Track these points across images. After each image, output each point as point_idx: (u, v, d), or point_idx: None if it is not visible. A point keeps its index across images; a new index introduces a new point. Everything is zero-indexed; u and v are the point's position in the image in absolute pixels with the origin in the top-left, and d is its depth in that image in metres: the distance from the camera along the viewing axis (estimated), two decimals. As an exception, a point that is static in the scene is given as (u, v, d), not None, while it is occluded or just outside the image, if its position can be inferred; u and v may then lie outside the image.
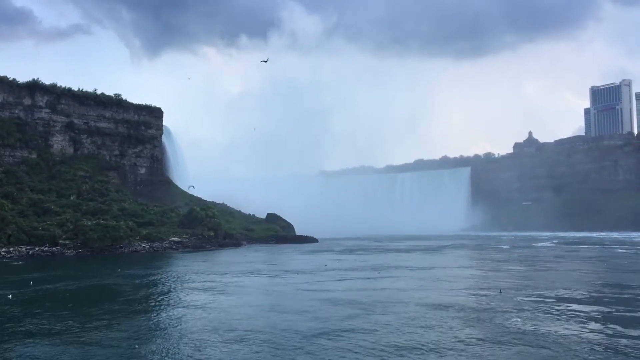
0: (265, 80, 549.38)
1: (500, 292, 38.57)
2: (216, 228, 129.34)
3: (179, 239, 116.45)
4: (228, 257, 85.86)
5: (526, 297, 34.86)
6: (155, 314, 30.94)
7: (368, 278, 47.02)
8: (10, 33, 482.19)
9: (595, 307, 31.86)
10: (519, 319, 27.87)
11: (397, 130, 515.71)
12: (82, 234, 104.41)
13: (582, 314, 29.41)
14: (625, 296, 36.52)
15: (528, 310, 29.77)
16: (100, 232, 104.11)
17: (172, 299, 35.97)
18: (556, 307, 31.33)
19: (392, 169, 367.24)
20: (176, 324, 28.01)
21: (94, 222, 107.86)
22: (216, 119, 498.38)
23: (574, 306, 32.08)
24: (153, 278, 50.02)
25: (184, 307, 32.77)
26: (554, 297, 35.34)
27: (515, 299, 34.76)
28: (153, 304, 34.28)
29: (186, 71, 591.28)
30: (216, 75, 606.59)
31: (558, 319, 27.86)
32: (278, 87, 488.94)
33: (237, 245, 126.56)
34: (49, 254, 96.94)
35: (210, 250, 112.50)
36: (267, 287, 41.08)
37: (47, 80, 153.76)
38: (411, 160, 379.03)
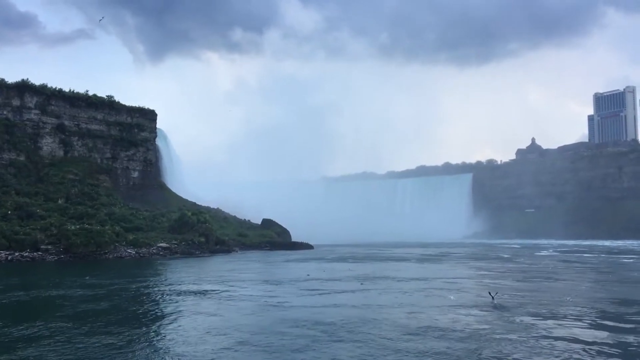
0: (267, 86, 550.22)
1: (493, 298, 36.25)
2: (207, 234, 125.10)
3: (167, 245, 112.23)
4: (211, 265, 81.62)
5: (524, 317, 30.37)
6: (72, 340, 25.97)
7: (348, 291, 42.57)
8: (15, 38, 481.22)
9: (602, 332, 27.46)
10: (512, 347, 23.56)
11: (399, 136, 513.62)
12: (65, 238, 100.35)
13: (587, 342, 25.05)
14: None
15: (524, 337, 25.20)
16: (84, 237, 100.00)
17: (102, 319, 30.94)
18: (556, 332, 26.94)
19: (393, 175, 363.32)
20: (90, 351, 23.38)
21: (78, 226, 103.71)
22: (217, 125, 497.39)
23: (577, 330, 27.74)
24: (114, 288, 45.79)
25: (112, 332, 27.89)
26: (555, 317, 30.91)
27: (510, 318, 30.32)
28: (83, 324, 29.45)
29: (189, 76, 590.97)
30: (217, 80, 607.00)
31: (557, 350, 23.48)
32: (280, 92, 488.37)
33: (228, 251, 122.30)
34: (29, 259, 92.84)
35: (199, 257, 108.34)
36: (227, 303, 36.54)
37: (52, 85, 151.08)
38: (413, 167, 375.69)
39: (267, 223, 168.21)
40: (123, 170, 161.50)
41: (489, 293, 37.83)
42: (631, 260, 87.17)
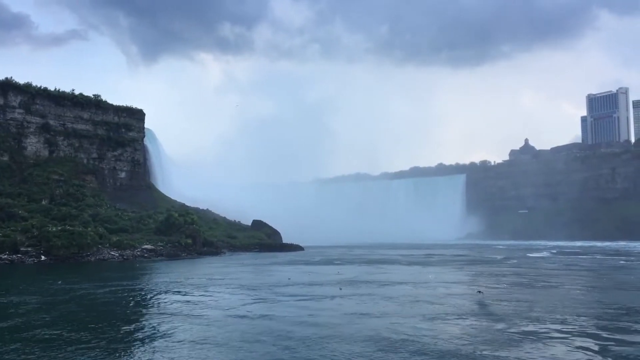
0: (260, 85, 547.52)
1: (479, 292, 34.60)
2: (194, 235, 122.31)
3: (152, 247, 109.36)
4: (193, 268, 78.94)
5: (512, 329, 27.85)
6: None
7: (326, 297, 39.88)
8: (7, 38, 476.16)
9: (598, 343, 25.11)
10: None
11: (394, 138, 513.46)
12: (45, 240, 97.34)
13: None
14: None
15: (510, 355, 22.64)
16: (65, 239, 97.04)
17: (40, 331, 27.89)
18: (549, 346, 24.50)
19: (387, 177, 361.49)
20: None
21: (59, 228, 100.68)
22: (210, 126, 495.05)
23: (572, 340, 25.38)
24: (78, 294, 43.01)
25: (52, 341, 25.13)
26: (548, 328, 28.50)
27: (497, 330, 27.84)
28: (24, 335, 26.74)
29: (182, 78, 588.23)
30: (211, 82, 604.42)
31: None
32: (275, 90, 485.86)
33: (216, 253, 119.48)
34: (7, 262, 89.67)
35: (185, 259, 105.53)
36: (190, 312, 33.83)
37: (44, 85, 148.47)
38: (407, 168, 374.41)
39: (258, 224, 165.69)
40: (110, 171, 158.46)
41: (479, 292, 35.54)
42: (627, 263, 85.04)
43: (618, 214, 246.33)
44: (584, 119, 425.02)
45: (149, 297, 42.95)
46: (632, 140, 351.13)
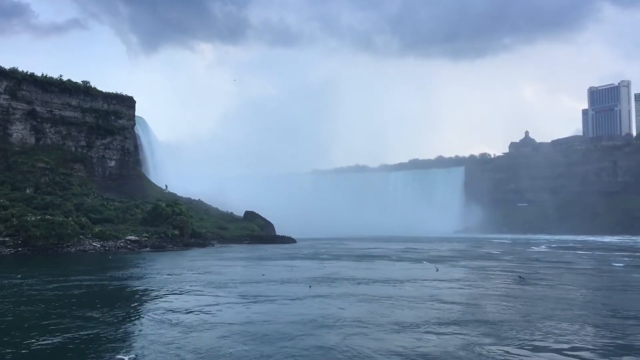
0: (259, 78, 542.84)
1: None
2: (182, 226, 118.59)
3: (137, 238, 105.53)
4: (173, 261, 75.16)
5: (498, 342, 23.87)
6: None
7: (294, 298, 35.58)
8: (6, 27, 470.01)
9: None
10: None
11: (393, 130, 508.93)
12: (24, 230, 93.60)
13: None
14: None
15: None
16: (44, 229, 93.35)
17: None
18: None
19: (386, 169, 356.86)
20: None
21: (39, 217, 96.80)
22: (207, 117, 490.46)
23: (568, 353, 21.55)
24: (29, 290, 39.24)
25: None
26: (541, 340, 24.59)
27: (481, 341, 23.92)
28: None
29: (183, 67, 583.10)
30: (211, 72, 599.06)
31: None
32: (271, 85, 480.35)
33: (203, 245, 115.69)
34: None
35: (171, 251, 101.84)
36: (137, 314, 30.08)
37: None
38: (406, 160, 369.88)
39: (250, 216, 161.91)
40: (99, 159, 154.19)
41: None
42: (629, 259, 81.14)
43: (619, 208, 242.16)
44: (585, 112, 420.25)
45: (106, 293, 39.19)
46: (634, 133, 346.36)
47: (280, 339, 23.84)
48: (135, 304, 34.52)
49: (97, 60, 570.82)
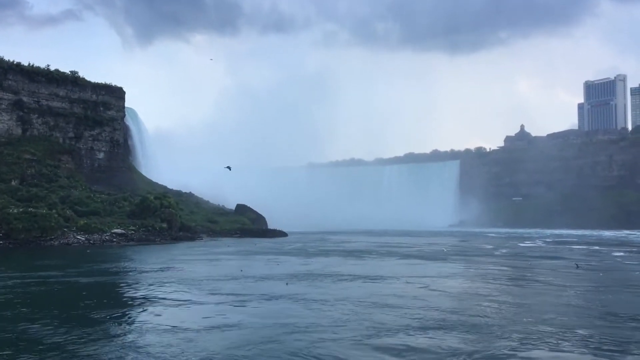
0: (254, 71, 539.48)
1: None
2: (171, 219, 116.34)
3: (123, 231, 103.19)
4: (155, 255, 72.68)
5: (484, 351, 21.76)
6: None
7: (270, 298, 33.17)
8: (1, 18, 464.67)
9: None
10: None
11: (389, 123, 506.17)
12: (5, 223, 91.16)
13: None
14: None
15: None
16: (26, 222, 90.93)
17: None
18: None
19: (381, 162, 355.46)
20: None
21: (21, 210, 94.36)
22: (200, 109, 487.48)
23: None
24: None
25: None
26: (532, 348, 22.50)
27: (469, 348, 21.86)
28: None
29: (178, 60, 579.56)
30: (205, 64, 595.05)
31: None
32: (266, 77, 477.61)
33: (192, 239, 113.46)
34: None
35: (158, 244, 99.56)
36: (94, 316, 27.90)
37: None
38: (401, 154, 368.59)
39: (241, 209, 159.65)
40: (87, 151, 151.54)
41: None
42: (625, 255, 79.38)
43: (614, 202, 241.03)
44: (580, 106, 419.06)
45: (74, 287, 36.92)
46: (630, 127, 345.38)
47: (240, 346, 21.60)
48: (88, 302, 32.24)
49: (92, 52, 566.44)
